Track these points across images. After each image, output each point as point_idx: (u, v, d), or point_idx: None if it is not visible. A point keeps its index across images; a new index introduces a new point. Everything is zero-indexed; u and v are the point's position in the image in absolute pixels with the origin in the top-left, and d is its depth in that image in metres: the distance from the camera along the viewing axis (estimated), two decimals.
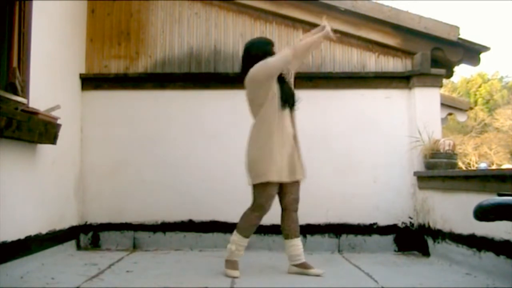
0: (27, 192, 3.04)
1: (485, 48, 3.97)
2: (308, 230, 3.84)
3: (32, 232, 3.06)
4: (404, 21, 3.95)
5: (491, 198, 1.67)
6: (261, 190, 2.87)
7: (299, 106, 3.04)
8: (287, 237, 3.01)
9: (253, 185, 2.91)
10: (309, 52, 3.24)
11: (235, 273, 2.88)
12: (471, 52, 3.98)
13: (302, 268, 2.96)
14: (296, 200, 3.03)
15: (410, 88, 4.04)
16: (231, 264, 2.92)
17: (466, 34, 4.26)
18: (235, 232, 2.95)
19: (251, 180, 2.90)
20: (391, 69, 4.11)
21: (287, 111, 2.95)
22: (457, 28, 3.89)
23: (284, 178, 2.89)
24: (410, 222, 3.93)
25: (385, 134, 4.00)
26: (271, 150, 2.83)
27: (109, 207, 3.98)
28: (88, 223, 3.98)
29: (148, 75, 4.10)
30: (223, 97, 4.05)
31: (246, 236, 2.93)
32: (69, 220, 3.72)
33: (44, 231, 3.24)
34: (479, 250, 2.95)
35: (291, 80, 3.10)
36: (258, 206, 2.90)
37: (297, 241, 3.00)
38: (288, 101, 2.95)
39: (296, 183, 3.00)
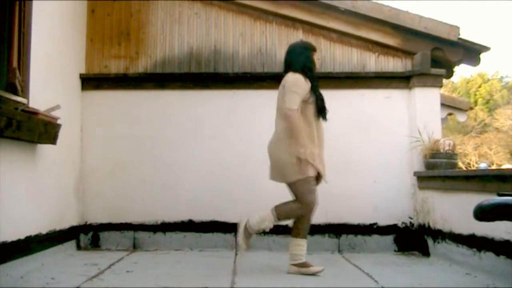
0: (27, 192, 3.04)
1: (485, 48, 3.97)
2: (308, 230, 3.84)
3: (32, 232, 3.06)
4: (404, 21, 3.96)
5: (491, 198, 1.68)
6: (301, 187, 2.91)
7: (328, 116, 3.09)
8: (296, 235, 3.02)
9: (290, 185, 2.94)
10: None
11: (246, 243, 2.96)
12: (471, 52, 3.98)
13: (302, 267, 2.97)
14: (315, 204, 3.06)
15: (410, 88, 4.04)
16: (247, 234, 2.95)
17: (466, 34, 4.27)
18: (271, 212, 2.93)
19: (288, 178, 2.92)
20: (391, 69, 4.11)
21: (317, 119, 3.03)
22: (457, 28, 3.89)
23: (321, 170, 2.97)
24: (410, 222, 3.93)
25: (385, 134, 4.00)
26: (307, 148, 2.88)
27: (109, 207, 3.98)
28: (88, 223, 3.98)
29: (148, 75, 4.10)
30: (223, 97, 4.06)
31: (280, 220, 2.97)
32: (69, 220, 3.72)
33: (44, 231, 3.24)
34: (479, 250, 2.95)
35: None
36: (308, 204, 2.93)
37: (303, 241, 3.02)
38: (321, 111, 3.04)
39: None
